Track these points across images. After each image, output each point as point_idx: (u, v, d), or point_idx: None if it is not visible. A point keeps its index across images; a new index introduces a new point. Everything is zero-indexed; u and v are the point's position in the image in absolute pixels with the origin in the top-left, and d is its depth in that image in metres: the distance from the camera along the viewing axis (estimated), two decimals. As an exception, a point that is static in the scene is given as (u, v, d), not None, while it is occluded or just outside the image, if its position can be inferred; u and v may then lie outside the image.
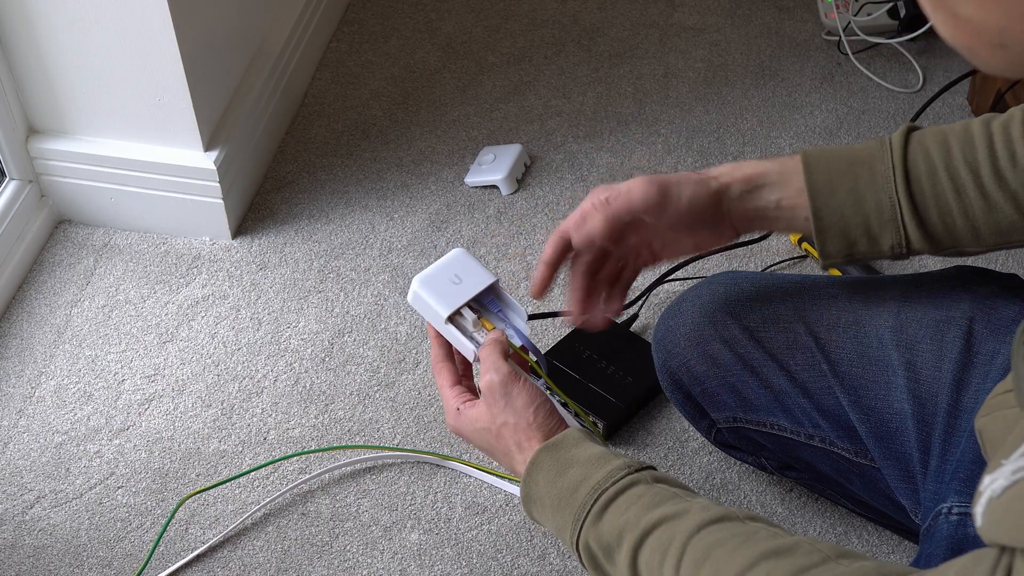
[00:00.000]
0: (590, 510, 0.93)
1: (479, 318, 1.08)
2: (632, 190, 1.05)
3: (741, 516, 0.89)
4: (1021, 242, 1.03)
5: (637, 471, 0.95)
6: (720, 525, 0.87)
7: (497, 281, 1.09)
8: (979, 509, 0.66)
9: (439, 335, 1.09)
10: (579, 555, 0.95)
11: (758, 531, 0.86)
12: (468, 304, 1.08)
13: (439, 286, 1.08)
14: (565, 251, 1.09)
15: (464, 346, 1.07)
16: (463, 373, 1.08)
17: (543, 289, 1.10)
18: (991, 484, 0.65)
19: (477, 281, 1.09)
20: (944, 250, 1.05)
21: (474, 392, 1.07)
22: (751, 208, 1.06)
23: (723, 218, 1.07)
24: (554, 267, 1.09)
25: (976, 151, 1.01)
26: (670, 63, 1.87)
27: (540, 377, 1.10)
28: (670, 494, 0.92)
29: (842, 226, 1.04)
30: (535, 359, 1.09)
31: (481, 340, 1.06)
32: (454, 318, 1.07)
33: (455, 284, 1.08)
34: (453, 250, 1.11)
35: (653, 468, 0.96)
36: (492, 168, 1.66)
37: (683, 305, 1.23)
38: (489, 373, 1.02)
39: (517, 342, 1.08)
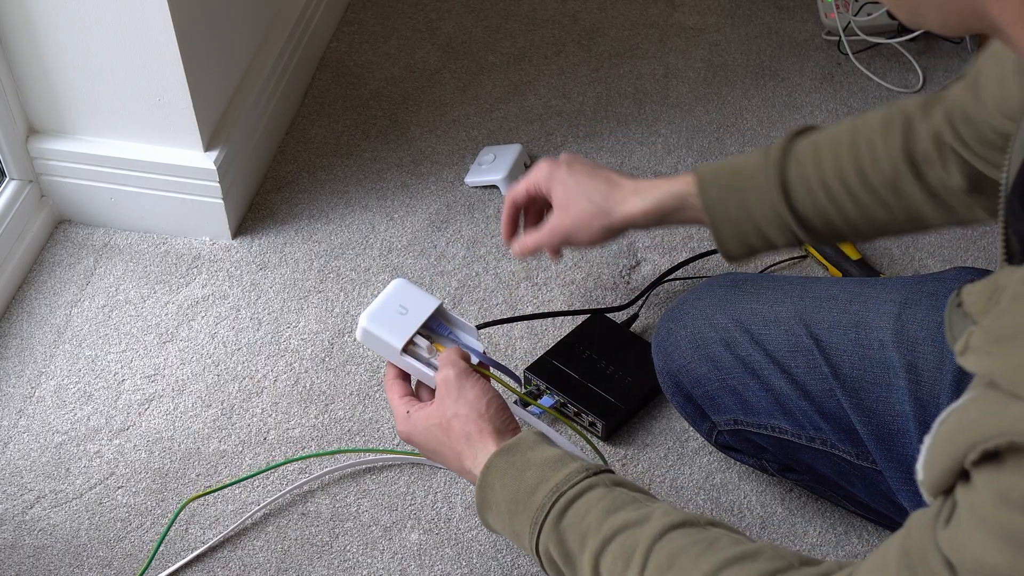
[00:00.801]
0: (548, 512, 0.93)
1: (432, 343, 1.08)
2: (552, 220, 1.26)
3: (702, 522, 0.89)
4: (901, 233, 1.15)
5: (595, 474, 0.95)
6: (682, 531, 0.88)
7: (442, 304, 1.10)
8: (919, 465, 0.68)
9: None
10: (539, 560, 0.95)
11: (720, 537, 0.87)
12: (419, 332, 1.08)
13: (387, 319, 1.08)
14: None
15: (424, 374, 1.07)
16: (427, 396, 1.09)
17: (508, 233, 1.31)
18: (927, 438, 0.68)
19: (423, 308, 1.09)
20: (831, 243, 1.22)
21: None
22: (656, 223, 1.22)
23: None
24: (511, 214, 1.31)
25: (843, 163, 1.11)
26: (670, 63, 1.87)
27: (516, 395, 1.11)
28: (630, 498, 0.92)
29: (739, 235, 1.16)
30: (497, 373, 1.09)
31: (436, 364, 1.07)
32: (408, 348, 1.07)
33: (402, 315, 1.09)
34: (393, 281, 1.11)
35: (611, 471, 0.96)
36: (492, 168, 1.66)
37: (683, 308, 1.23)
38: (446, 369, 1.04)
39: (474, 359, 1.08)
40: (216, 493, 1.32)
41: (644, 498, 0.93)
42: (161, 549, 1.27)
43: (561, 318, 1.49)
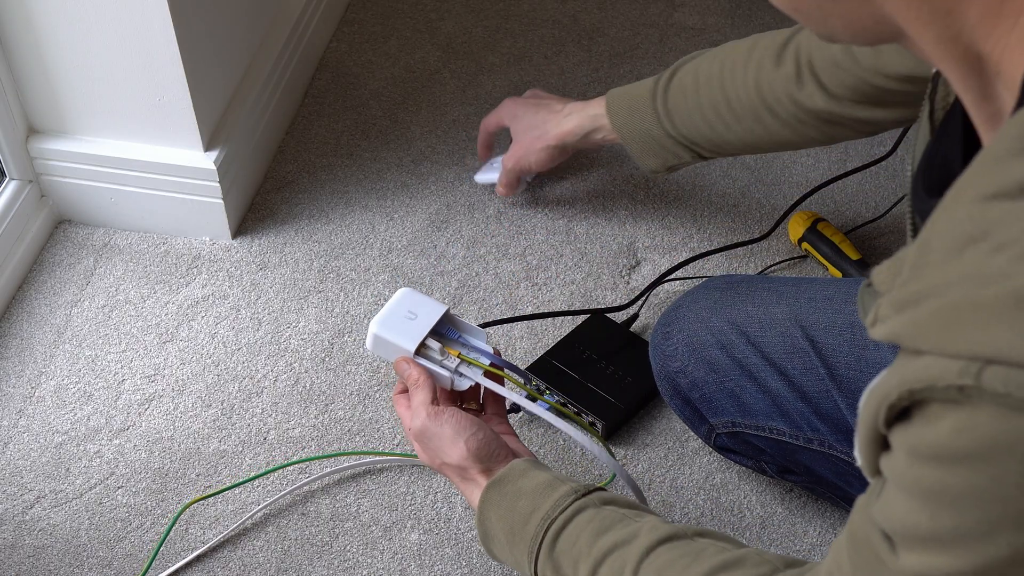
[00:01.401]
0: (542, 542, 0.94)
1: (443, 347, 1.09)
2: (508, 152, 1.55)
3: (689, 533, 0.90)
4: (780, 149, 1.35)
5: (585, 495, 0.95)
6: (668, 545, 0.88)
7: (449, 309, 1.11)
8: (856, 452, 0.69)
9: (409, 368, 1.09)
10: None
11: (706, 548, 0.87)
12: (430, 335, 1.09)
13: (397, 325, 1.09)
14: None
15: (439, 375, 1.08)
16: (444, 399, 1.10)
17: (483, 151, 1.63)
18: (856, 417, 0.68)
19: (432, 312, 1.11)
20: (728, 155, 1.37)
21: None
22: (584, 146, 1.49)
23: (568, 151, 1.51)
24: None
25: (714, 94, 1.31)
26: (670, 63, 1.87)
27: (525, 392, 1.11)
28: (619, 516, 0.93)
29: (649, 152, 1.38)
30: (509, 372, 1.10)
31: (451, 366, 1.08)
32: (421, 351, 1.08)
33: (411, 320, 1.10)
34: (399, 290, 1.13)
35: (602, 489, 0.97)
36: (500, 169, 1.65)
37: (680, 311, 1.23)
38: (413, 421, 1.05)
39: (485, 361, 1.09)
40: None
41: (633, 514, 0.93)
42: (161, 549, 1.27)
43: (561, 318, 1.49)
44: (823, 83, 1.23)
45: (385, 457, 1.35)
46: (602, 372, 1.40)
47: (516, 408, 1.35)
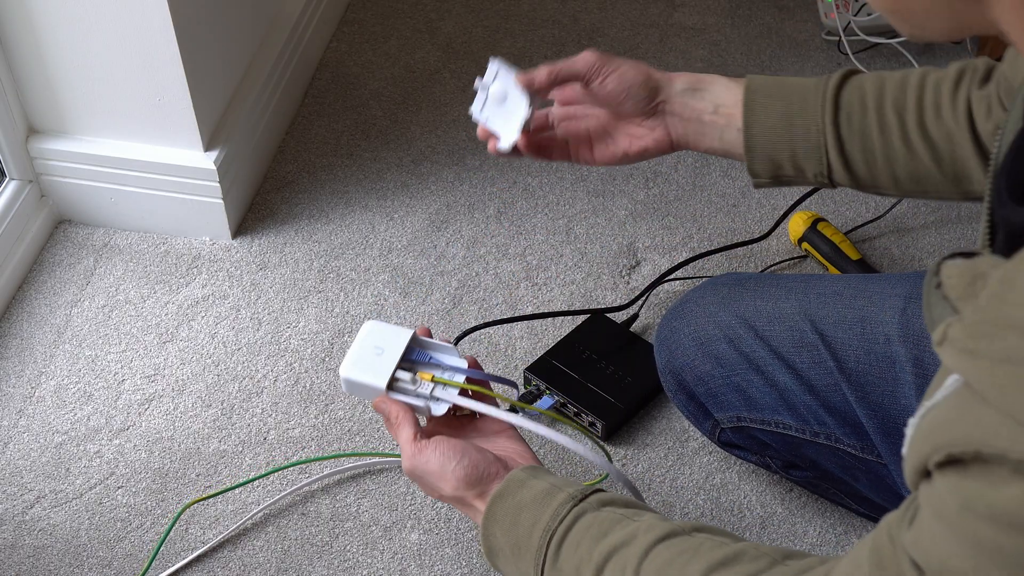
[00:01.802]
0: (546, 554, 0.94)
1: (415, 374, 1.08)
2: (581, 55, 1.13)
3: (687, 529, 0.90)
4: (936, 194, 1.09)
5: (583, 500, 0.95)
6: (667, 543, 0.88)
7: (415, 332, 1.10)
8: (905, 450, 0.68)
9: (386, 406, 1.09)
10: None
11: (703, 543, 0.87)
12: (399, 366, 1.08)
13: (365, 364, 1.08)
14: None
15: (416, 406, 1.07)
16: (435, 422, 1.09)
17: (530, 80, 1.13)
18: (912, 422, 0.67)
19: (397, 342, 1.09)
20: (864, 187, 1.12)
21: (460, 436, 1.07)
22: (689, 106, 1.13)
23: (659, 113, 1.14)
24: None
25: (907, 99, 1.07)
26: (670, 63, 1.87)
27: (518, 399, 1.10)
28: (617, 517, 0.92)
29: (769, 147, 1.10)
30: (489, 381, 1.09)
31: (425, 393, 1.07)
32: (393, 385, 1.07)
33: (379, 355, 1.08)
34: (364, 324, 1.11)
35: (601, 491, 0.96)
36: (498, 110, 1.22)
37: (686, 306, 1.23)
38: (403, 461, 1.04)
39: (460, 378, 1.08)
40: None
41: (631, 513, 0.93)
42: (161, 549, 1.27)
43: (561, 318, 1.49)
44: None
45: (385, 458, 1.35)
46: (602, 372, 1.40)
47: (514, 408, 1.35)
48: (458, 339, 1.45)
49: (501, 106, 1.15)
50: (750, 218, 1.63)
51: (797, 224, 1.57)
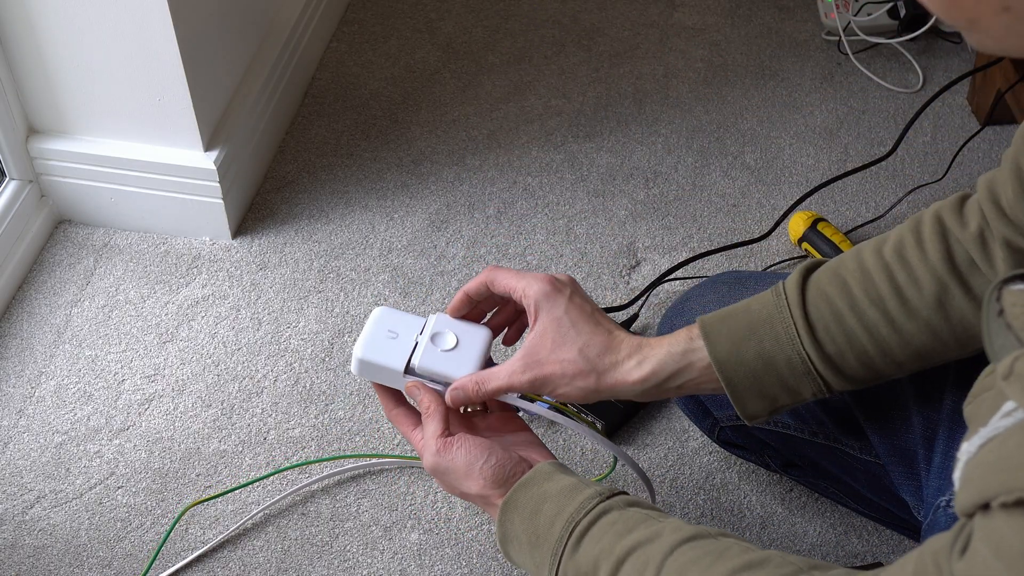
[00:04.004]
0: (566, 544, 0.93)
1: None
2: (502, 369, 1.04)
3: (713, 533, 0.89)
4: (944, 359, 1.00)
5: (609, 498, 0.95)
6: (692, 544, 0.88)
7: (436, 315, 1.09)
8: (956, 475, 0.66)
9: (384, 389, 1.08)
10: None
11: (730, 547, 0.87)
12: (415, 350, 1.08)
13: (380, 346, 1.07)
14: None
15: (434, 388, 1.07)
16: (453, 416, 1.08)
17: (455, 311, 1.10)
18: (968, 448, 0.65)
19: (413, 327, 1.09)
20: (869, 384, 1.03)
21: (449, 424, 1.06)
22: (651, 392, 1.04)
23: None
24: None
25: (877, 286, 0.98)
26: (670, 63, 1.87)
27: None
28: (642, 516, 0.92)
29: (758, 389, 1.01)
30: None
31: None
32: (409, 369, 1.07)
33: (393, 339, 1.08)
34: (374, 311, 1.10)
35: (625, 493, 0.96)
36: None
37: (687, 304, 1.23)
38: (424, 456, 1.02)
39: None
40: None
41: (657, 515, 0.93)
42: (161, 549, 1.27)
43: (561, 318, 1.49)
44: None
45: (385, 459, 1.35)
46: (602, 372, 1.40)
47: (516, 409, 1.34)
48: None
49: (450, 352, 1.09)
50: (750, 218, 1.63)
51: (797, 224, 1.57)
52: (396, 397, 1.09)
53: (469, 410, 1.09)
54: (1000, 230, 0.93)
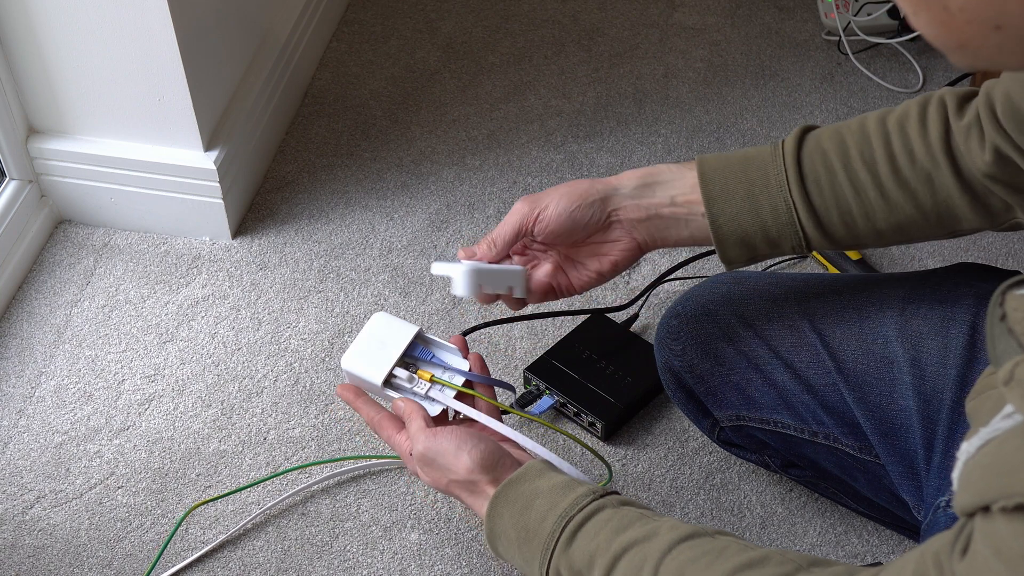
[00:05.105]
0: (559, 539, 0.93)
1: (414, 372, 1.08)
2: (513, 208, 1.09)
3: (710, 532, 0.89)
4: (921, 238, 1.05)
5: (602, 496, 0.95)
6: (691, 543, 0.88)
7: (420, 329, 1.09)
8: (955, 474, 0.66)
9: (360, 402, 1.09)
10: None
11: (728, 546, 0.87)
12: (398, 363, 1.07)
13: (366, 357, 1.08)
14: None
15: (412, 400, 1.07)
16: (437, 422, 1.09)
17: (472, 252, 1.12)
18: (967, 448, 0.65)
19: (400, 338, 1.09)
20: (845, 247, 1.08)
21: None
22: (643, 205, 1.07)
23: (615, 222, 1.08)
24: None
25: (874, 149, 1.02)
26: (670, 63, 1.87)
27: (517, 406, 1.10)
28: (637, 515, 0.93)
29: (740, 233, 1.05)
30: (488, 385, 1.09)
31: (421, 391, 1.07)
32: (389, 381, 1.07)
33: (380, 349, 1.08)
34: (373, 316, 1.11)
35: (617, 493, 0.96)
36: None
37: (686, 304, 1.23)
38: (414, 447, 1.04)
39: (458, 381, 1.08)
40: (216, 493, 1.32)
41: (651, 514, 0.93)
42: (164, 550, 1.27)
43: (561, 318, 1.49)
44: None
45: (385, 460, 1.35)
46: (602, 372, 1.40)
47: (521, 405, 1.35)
48: (458, 339, 1.45)
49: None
50: (750, 218, 1.63)
51: (797, 224, 1.57)
52: (376, 405, 1.10)
53: (454, 419, 1.10)
54: (991, 134, 0.96)
